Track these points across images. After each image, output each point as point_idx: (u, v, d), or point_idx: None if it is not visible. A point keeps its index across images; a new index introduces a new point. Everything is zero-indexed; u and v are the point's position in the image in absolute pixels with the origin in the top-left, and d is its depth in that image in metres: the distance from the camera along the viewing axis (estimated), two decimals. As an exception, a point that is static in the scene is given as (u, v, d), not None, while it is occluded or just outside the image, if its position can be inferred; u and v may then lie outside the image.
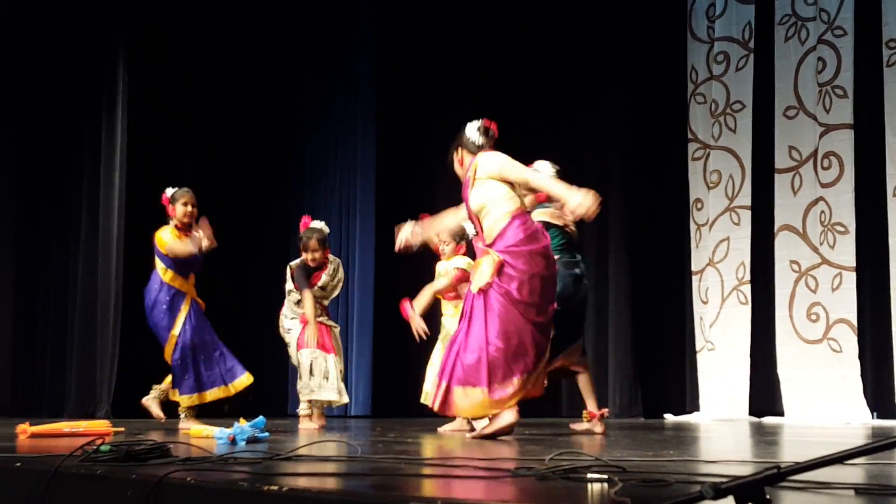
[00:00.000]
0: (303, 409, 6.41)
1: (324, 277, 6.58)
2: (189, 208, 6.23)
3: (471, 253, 5.79)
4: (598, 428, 5.49)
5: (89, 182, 9.06)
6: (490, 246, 4.58)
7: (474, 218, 4.76)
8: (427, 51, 9.58)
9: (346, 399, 6.58)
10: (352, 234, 9.77)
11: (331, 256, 6.74)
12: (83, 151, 9.20)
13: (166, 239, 6.11)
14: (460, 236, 6.12)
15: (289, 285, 6.66)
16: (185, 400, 6.13)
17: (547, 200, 5.48)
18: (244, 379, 6.34)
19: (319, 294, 6.60)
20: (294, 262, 6.63)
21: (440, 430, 5.80)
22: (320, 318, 6.54)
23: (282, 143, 10.37)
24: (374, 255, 9.58)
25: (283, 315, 6.71)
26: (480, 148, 4.87)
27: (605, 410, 5.69)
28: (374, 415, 9.48)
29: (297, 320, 6.61)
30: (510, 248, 4.52)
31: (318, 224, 6.68)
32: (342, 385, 6.49)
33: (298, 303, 6.55)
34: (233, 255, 7.62)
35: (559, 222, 5.59)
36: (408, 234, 5.22)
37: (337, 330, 6.69)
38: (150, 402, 6.30)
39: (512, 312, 4.48)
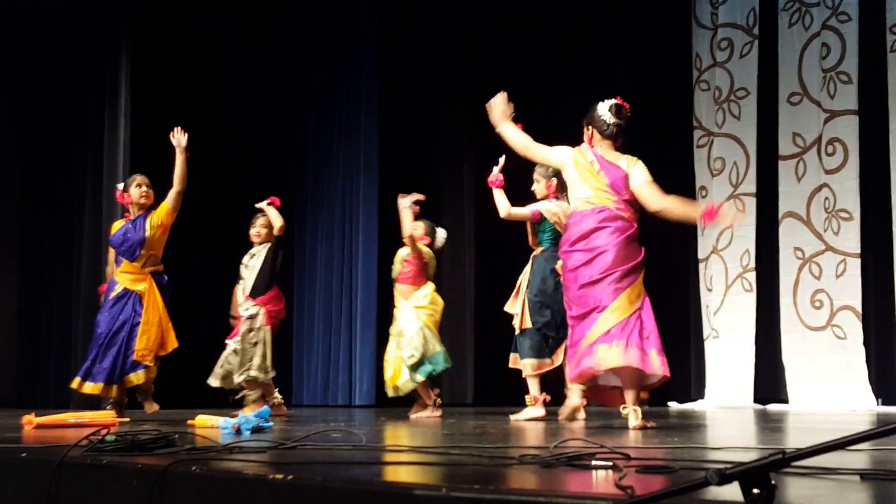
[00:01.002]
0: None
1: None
2: (143, 189, 6.26)
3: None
4: (540, 412, 5.79)
5: (93, 175, 9.06)
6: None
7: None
8: (430, 41, 9.55)
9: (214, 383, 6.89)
10: (355, 227, 9.75)
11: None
12: (86, 144, 9.20)
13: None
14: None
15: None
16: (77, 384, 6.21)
17: (555, 195, 6.01)
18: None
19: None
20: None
21: (411, 415, 5.98)
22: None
23: (285, 136, 10.35)
24: (377, 247, 9.56)
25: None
26: (612, 128, 4.83)
27: (546, 395, 5.94)
28: (377, 405, 9.49)
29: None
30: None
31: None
32: (220, 370, 6.84)
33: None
34: (235, 246, 7.59)
35: (554, 219, 5.98)
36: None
37: (245, 318, 6.78)
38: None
39: None
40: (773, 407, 7.68)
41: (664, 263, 8.88)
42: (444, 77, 9.52)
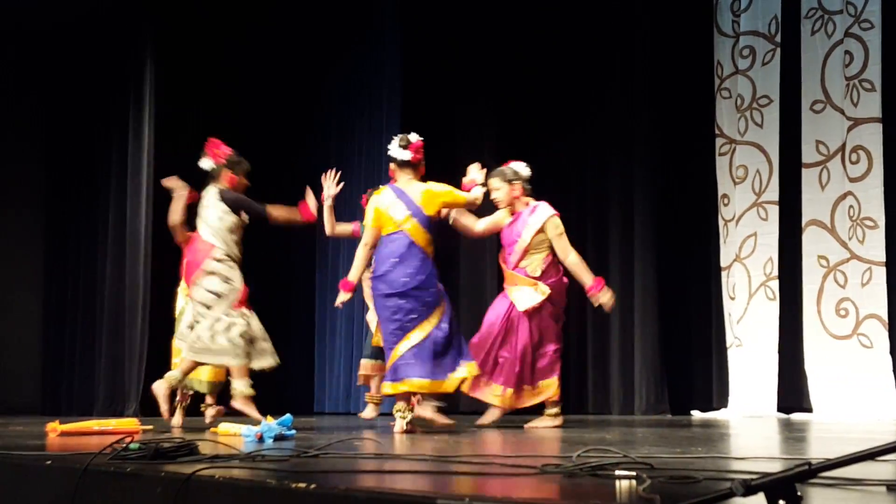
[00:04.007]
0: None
1: None
2: None
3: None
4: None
5: (117, 181, 9.14)
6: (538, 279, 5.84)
7: (519, 249, 5.87)
8: (452, 34, 9.53)
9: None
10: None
11: None
12: (111, 149, 9.28)
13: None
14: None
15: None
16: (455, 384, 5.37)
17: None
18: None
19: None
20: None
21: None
22: None
23: (306, 128, 10.35)
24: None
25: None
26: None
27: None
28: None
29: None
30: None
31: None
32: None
33: None
34: (255, 241, 7.62)
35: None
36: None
37: None
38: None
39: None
40: (796, 416, 7.63)
41: (687, 272, 8.86)
42: (467, 71, 9.49)
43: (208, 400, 6.35)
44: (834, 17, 7.96)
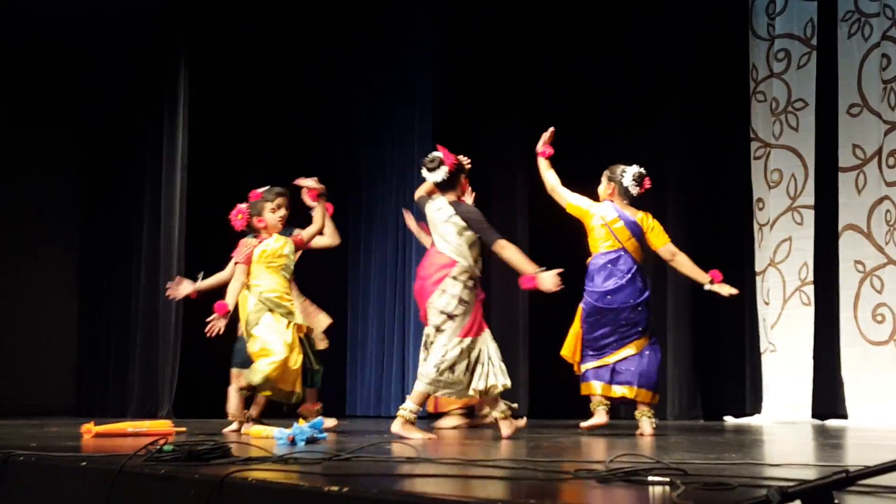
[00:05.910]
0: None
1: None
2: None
3: None
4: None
5: (151, 186, 9.21)
6: None
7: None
8: (484, 53, 9.53)
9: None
10: (408, 240, 9.77)
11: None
12: (145, 156, 9.36)
13: None
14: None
15: None
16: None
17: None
18: None
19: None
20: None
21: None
22: None
23: (337, 148, 10.39)
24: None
25: None
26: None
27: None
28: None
29: None
30: None
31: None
32: None
33: None
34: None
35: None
36: None
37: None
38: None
39: None
40: (831, 422, 7.55)
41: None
42: (499, 88, 9.49)
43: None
44: (871, 19, 7.88)
